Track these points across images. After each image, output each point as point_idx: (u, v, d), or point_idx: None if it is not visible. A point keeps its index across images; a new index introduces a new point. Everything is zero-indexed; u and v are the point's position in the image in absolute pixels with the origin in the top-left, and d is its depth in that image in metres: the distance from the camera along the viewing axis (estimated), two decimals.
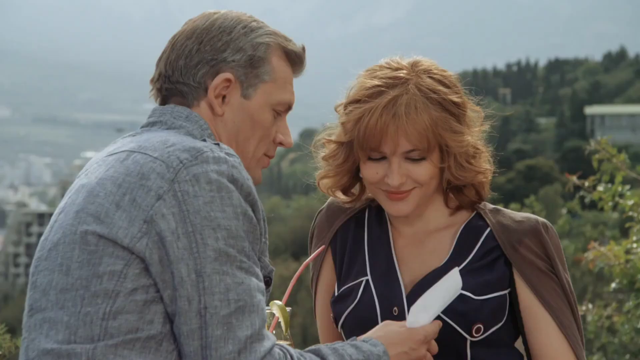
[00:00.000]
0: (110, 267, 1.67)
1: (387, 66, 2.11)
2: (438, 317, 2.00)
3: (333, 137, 2.15)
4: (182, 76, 1.88)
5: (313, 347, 1.79)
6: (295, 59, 1.95)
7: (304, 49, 1.97)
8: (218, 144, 1.76)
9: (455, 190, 2.15)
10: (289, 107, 1.96)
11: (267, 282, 1.82)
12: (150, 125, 1.87)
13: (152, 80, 1.94)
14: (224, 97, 1.88)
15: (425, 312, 1.92)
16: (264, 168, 1.99)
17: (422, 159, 2.06)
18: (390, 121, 2.02)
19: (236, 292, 1.66)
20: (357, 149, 2.09)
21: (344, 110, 2.11)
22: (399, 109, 2.03)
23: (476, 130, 2.13)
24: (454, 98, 2.08)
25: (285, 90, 1.94)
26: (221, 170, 1.70)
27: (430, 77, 2.08)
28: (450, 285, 1.95)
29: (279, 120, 1.95)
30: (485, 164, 2.15)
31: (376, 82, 2.07)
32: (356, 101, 2.08)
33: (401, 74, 2.08)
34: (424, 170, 2.06)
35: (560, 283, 2.10)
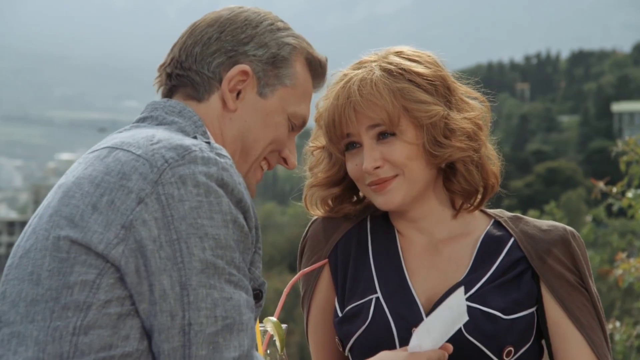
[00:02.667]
0: (82, 276, 1.66)
1: (366, 55, 2.17)
2: (465, 340, 1.99)
3: (317, 143, 2.20)
4: (196, 63, 1.90)
5: None
6: (318, 69, 1.98)
7: (326, 60, 2.00)
8: (209, 143, 1.75)
9: (462, 196, 2.15)
10: (303, 123, 1.98)
11: (258, 295, 1.81)
12: (140, 121, 1.88)
13: (161, 66, 1.95)
14: (238, 92, 1.90)
15: (428, 335, 1.91)
16: (257, 182, 1.99)
17: (393, 135, 2.09)
18: (345, 101, 2.09)
19: (224, 308, 1.65)
20: (328, 144, 2.14)
21: (317, 107, 2.18)
22: (352, 86, 2.09)
23: (473, 116, 2.13)
24: (418, 69, 2.11)
25: (304, 103, 1.96)
26: (210, 173, 1.69)
27: (398, 56, 2.13)
28: (454, 306, 1.92)
29: (290, 137, 1.97)
30: (485, 149, 2.15)
31: (345, 70, 2.15)
32: (326, 94, 2.15)
33: (369, 58, 2.15)
34: (398, 150, 2.09)
35: (590, 298, 2.11)
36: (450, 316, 1.92)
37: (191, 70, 1.90)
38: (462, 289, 1.93)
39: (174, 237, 1.65)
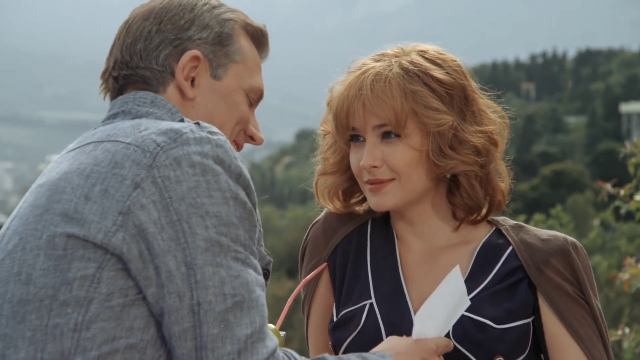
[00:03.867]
0: (80, 272, 1.66)
1: (389, 47, 2.17)
2: (453, 347, 1.99)
3: (326, 127, 2.21)
4: (143, 60, 1.89)
5: (318, 356, 1.81)
6: (261, 39, 1.99)
7: (265, 27, 2.00)
8: (198, 123, 1.76)
9: (464, 210, 2.15)
10: (260, 96, 1.99)
11: (265, 274, 1.81)
12: (111, 117, 1.88)
13: (103, 73, 1.95)
14: (192, 80, 1.90)
15: (431, 322, 1.91)
16: None
17: (397, 136, 2.09)
18: (356, 93, 2.09)
19: (232, 285, 1.66)
20: (334, 131, 2.14)
21: (331, 90, 2.18)
22: (366, 79, 2.09)
23: (489, 130, 2.13)
24: (438, 74, 2.09)
25: (257, 75, 1.97)
26: (205, 152, 1.70)
27: (422, 56, 2.13)
28: (453, 289, 1.92)
29: (251, 113, 1.98)
30: (496, 165, 2.15)
31: (364, 59, 2.15)
32: (342, 80, 2.15)
33: (391, 52, 2.15)
34: (400, 153, 2.08)
35: (591, 311, 2.11)
36: (451, 301, 1.92)
37: (139, 68, 1.89)
38: (457, 268, 1.94)
39: (175, 218, 1.66)
